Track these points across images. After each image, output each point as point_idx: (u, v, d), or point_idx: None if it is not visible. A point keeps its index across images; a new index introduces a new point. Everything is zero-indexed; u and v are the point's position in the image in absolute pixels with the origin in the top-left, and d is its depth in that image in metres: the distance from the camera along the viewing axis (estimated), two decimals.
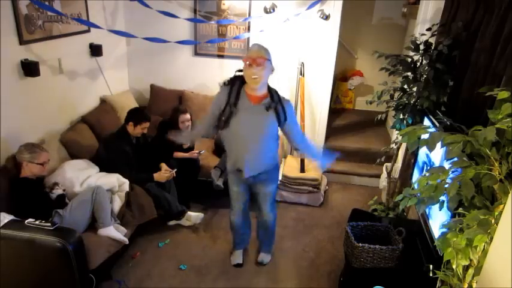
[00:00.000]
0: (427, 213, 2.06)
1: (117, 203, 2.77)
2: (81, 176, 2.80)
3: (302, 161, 3.86)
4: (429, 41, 2.63)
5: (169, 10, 3.73)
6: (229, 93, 2.23)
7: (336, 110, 5.34)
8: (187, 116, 3.42)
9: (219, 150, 3.70)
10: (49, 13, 2.97)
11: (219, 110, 2.26)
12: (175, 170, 3.18)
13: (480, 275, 1.30)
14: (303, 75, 3.81)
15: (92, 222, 2.58)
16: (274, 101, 2.26)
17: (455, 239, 1.32)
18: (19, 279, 2.31)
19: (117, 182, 2.84)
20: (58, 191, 2.59)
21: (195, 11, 3.99)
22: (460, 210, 1.40)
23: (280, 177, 3.76)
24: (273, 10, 3.72)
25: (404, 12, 4.25)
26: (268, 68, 2.17)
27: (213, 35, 4.07)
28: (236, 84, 2.25)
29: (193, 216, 3.22)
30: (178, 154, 3.47)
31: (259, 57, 2.11)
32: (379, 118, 3.09)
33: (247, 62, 2.13)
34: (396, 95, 2.88)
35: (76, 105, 3.49)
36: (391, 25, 5.04)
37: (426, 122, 2.27)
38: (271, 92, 2.28)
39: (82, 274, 2.29)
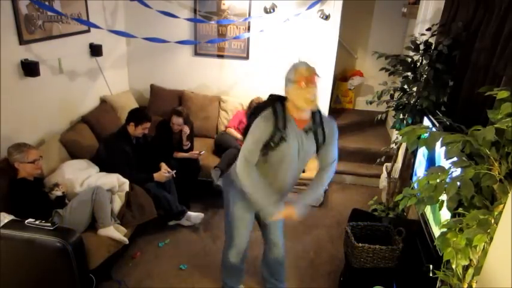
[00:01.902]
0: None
1: (117, 203, 2.77)
2: (81, 176, 2.80)
3: None
4: (429, 41, 2.63)
5: (169, 10, 3.73)
6: (276, 118, 1.88)
7: (336, 110, 5.33)
8: (180, 120, 3.35)
9: (219, 150, 3.70)
10: (49, 13, 2.97)
11: (267, 136, 1.88)
12: (175, 171, 3.18)
13: (480, 275, 1.29)
14: None
15: (92, 222, 2.58)
16: (316, 122, 1.95)
17: (455, 239, 1.32)
18: (19, 279, 2.31)
19: (117, 182, 2.84)
20: (57, 193, 2.58)
21: (195, 11, 3.99)
22: (460, 210, 1.40)
23: None
24: (273, 10, 3.72)
25: (404, 12, 4.25)
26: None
27: (213, 35, 4.07)
28: (278, 107, 1.91)
29: (193, 216, 3.23)
30: (179, 154, 3.47)
31: (313, 75, 1.85)
32: (379, 118, 3.09)
33: (303, 83, 1.82)
34: (396, 95, 2.88)
35: (76, 105, 3.49)
36: (391, 25, 5.04)
37: (426, 122, 2.27)
38: (314, 113, 1.95)
39: (82, 274, 2.29)
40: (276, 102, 1.92)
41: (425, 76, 2.50)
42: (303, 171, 3.78)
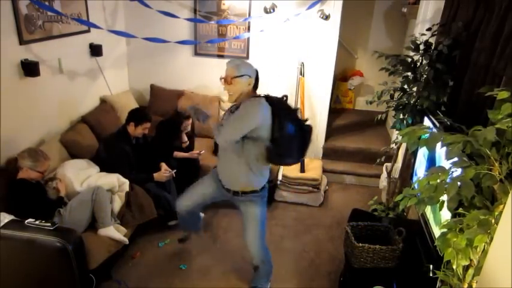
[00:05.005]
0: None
1: (117, 203, 2.77)
2: (81, 176, 2.80)
3: (302, 161, 3.86)
4: (429, 41, 2.63)
5: (169, 10, 3.73)
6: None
7: (336, 110, 5.34)
8: (190, 121, 3.47)
9: (218, 150, 3.70)
10: (49, 13, 2.97)
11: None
12: (175, 170, 3.18)
13: (480, 275, 1.30)
14: (303, 75, 3.81)
15: (92, 222, 2.58)
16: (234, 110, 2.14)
17: (455, 239, 1.32)
18: (19, 279, 2.31)
19: (117, 182, 2.84)
20: (52, 185, 2.61)
21: (195, 11, 3.99)
22: (460, 210, 1.40)
23: (280, 177, 3.77)
24: (273, 10, 3.72)
25: (404, 12, 4.25)
26: (241, 84, 2.09)
27: (213, 35, 4.07)
28: None
29: None
30: (178, 154, 3.47)
31: (228, 76, 2.09)
32: (379, 118, 3.09)
33: (222, 79, 2.12)
34: (396, 95, 2.88)
35: (76, 105, 3.49)
36: (391, 25, 5.04)
37: (426, 122, 2.27)
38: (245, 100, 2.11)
39: (82, 274, 2.29)
40: None
41: (425, 76, 2.50)
42: (303, 171, 3.81)
